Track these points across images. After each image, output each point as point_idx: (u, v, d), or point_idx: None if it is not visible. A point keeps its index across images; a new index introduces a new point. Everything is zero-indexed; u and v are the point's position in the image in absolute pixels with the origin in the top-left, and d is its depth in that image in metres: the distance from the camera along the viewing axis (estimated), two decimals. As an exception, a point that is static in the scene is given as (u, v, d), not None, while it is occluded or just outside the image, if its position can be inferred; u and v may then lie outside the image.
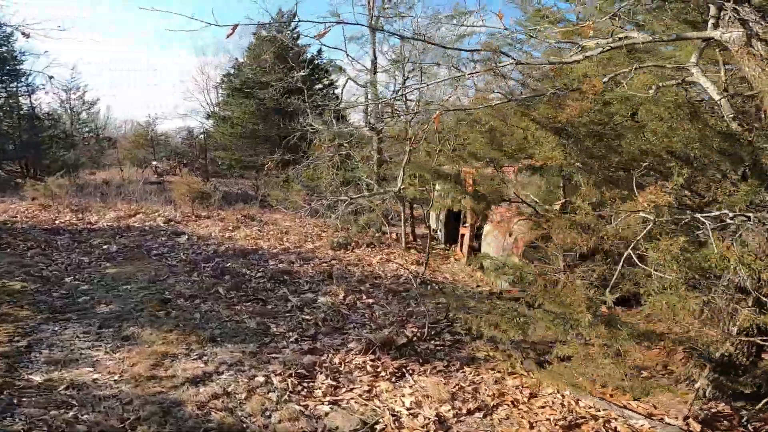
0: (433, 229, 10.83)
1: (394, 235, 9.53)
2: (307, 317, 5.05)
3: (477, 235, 7.41)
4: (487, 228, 6.96)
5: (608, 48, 3.23)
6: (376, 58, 10.35)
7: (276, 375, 3.75)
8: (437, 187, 10.23)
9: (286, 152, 12.18)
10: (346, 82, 10.10)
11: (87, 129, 25.30)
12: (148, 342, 4.33)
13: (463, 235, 8.04)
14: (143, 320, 4.80)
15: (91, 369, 3.81)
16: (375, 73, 10.36)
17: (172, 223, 9.78)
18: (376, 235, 9.56)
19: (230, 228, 9.56)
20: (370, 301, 5.67)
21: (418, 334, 4.60)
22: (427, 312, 4.82)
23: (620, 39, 3.26)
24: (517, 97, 3.46)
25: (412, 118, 7.54)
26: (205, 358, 4.02)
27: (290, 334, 4.62)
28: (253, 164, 16.44)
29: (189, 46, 63.71)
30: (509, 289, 6.17)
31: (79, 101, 24.03)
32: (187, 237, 8.46)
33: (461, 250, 8.09)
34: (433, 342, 4.53)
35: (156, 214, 10.53)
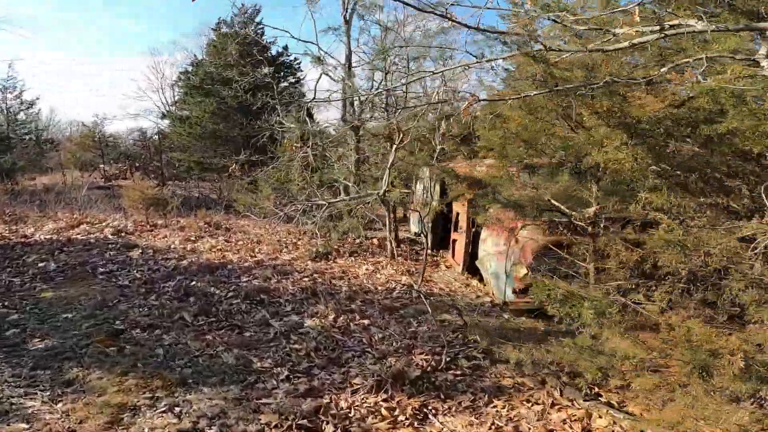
0: (415, 233, 10.18)
1: (376, 241, 8.82)
2: (296, 346, 4.24)
3: (473, 241, 6.81)
4: (485, 233, 6.38)
5: (662, 36, 2.74)
6: (351, 51, 9.63)
7: (272, 429, 2.96)
8: (418, 187, 9.63)
9: (253, 153, 11.23)
10: (320, 76, 9.35)
11: (26, 130, 23.12)
12: (99, 389, 3.42)
13: (455, 241, 7.43)
14: (90, 359, 3.85)
15: (27, 426, 2.93)
16: (350, 67, 9.63)
17: (123, 234, 8.59)
18: (357, 241, 8.81)
19: (192, 238, 8.50)
20: (366, 322, 4.93)
21: (433, 363, 3.92)
22: (444, 337, 4.14)
23: (672, 27, 2.76)
24: (562, 87, 2.86)
25: (398, 113, 6.87)
26: (177, 409, 3.15)
27: (278, 369, 3.81)
28: (214, 166, 15.26)
29: (143, 47, 60.24)
30: (514, 300, 5.61)
31: (16, 101, 21.97)
32: (141, 251, 7.35)
33: (453, 257, 7.48)
34: (450, 371, 3.85)
35: (103, 224, 9.27)
